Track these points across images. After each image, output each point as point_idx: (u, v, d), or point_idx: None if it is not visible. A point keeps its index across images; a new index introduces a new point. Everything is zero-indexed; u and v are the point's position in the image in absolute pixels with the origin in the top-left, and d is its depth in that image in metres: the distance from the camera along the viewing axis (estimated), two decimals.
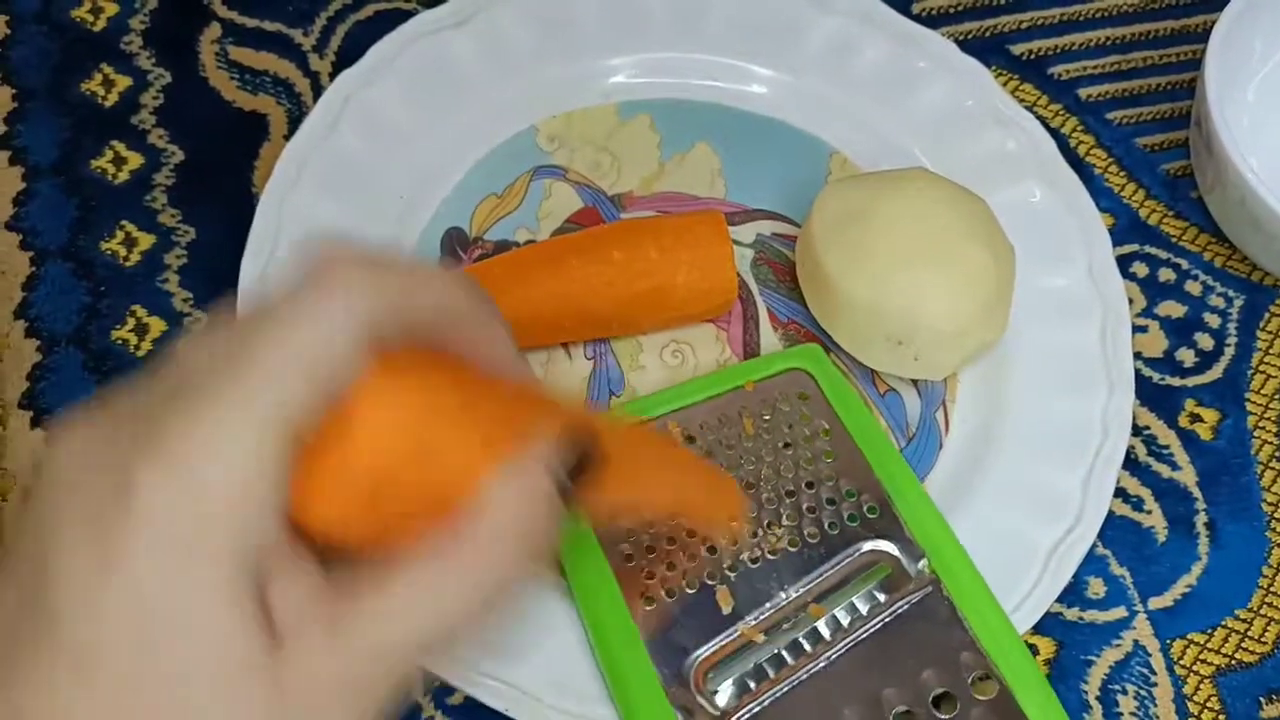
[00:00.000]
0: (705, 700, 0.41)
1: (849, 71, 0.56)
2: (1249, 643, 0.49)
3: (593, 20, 0.56)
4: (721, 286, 0.50)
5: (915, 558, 0.44)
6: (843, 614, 0.43)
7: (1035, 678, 0.42)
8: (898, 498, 0.46)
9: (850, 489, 0.46)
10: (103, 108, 0.56)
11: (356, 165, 0.52)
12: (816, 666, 0.42)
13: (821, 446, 0.47)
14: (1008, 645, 0.43)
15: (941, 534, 0.45)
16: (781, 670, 0.42)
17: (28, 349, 0.51)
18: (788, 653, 0.42)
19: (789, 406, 0.48)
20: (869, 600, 0.44)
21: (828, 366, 0.49)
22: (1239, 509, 0.51)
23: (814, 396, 0.48)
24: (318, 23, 0.59)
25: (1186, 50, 0.61)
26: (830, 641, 0.43)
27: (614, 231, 0.51)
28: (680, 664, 0.42)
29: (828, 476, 0.46)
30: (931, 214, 0.48)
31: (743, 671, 0.42)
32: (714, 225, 0.50)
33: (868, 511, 0.45)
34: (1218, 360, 0.54)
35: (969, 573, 0.44)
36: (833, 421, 0.47)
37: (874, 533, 0.45)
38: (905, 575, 0.44)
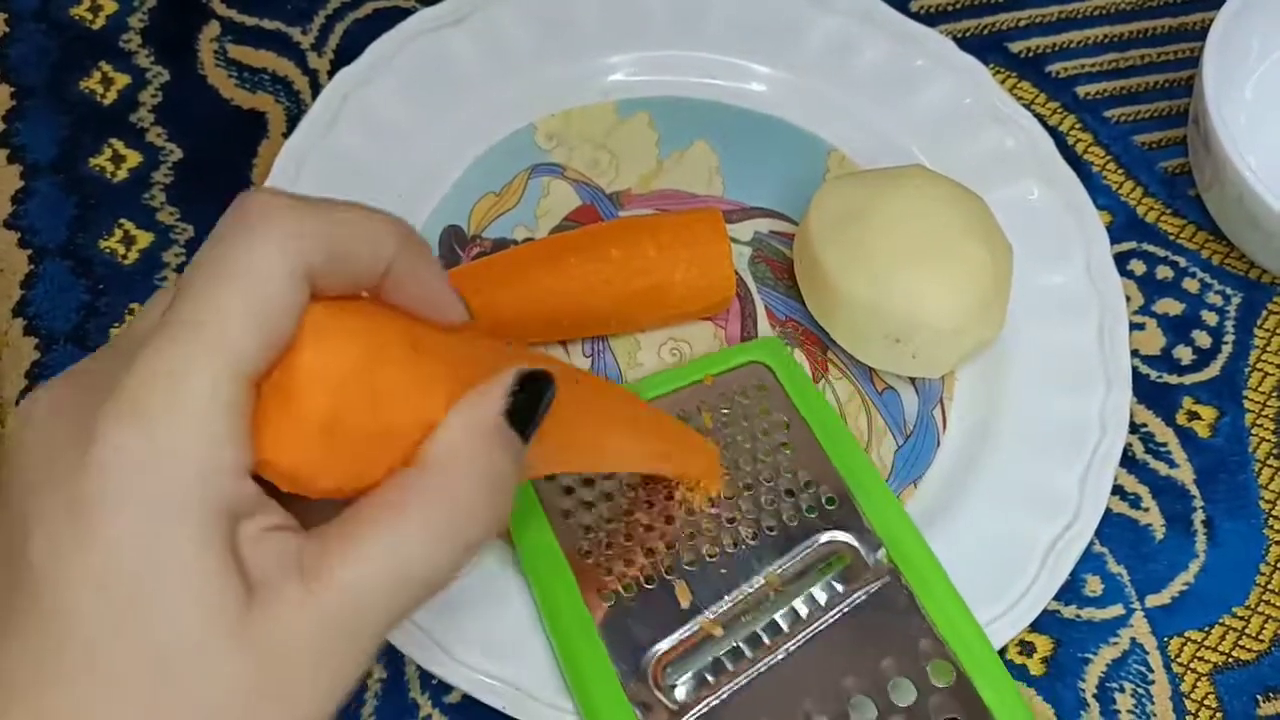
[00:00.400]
0: (664, 695, 0.41)
1: (847, 70, 0.56)
2: (1246, 640, 0.49)
3: (592, 18, 0.56)
4: (719, 284, 0.50)
5: (874, 548, 0.45)
6: (801, 605, 0.43)
7: (993, 664, 0.43)
8: (856, 488, 0.46)
9: (809, 480, 0.46)
10: (101, 106, 0.56)
11: (355, 163, 0.52)
12: (775, 658, 0.42)
13: (780, 439, 0.47)
14: (965, 632, 0.43)
15: (900, 523, 0.45)
16: (740, 663, 0.42)
17: (26, 347, 0.51)
18: (746, 645, 0.43)
19: (748, 400, 0.48)
20: (828, 591, 0.44)
21: (787, 359, 0.49)
22: (1236, 506, 0.51)
23: (773, 389, 0.48)
24: (316, 21, 0.59)
25: (1184, 48, 0.61)
26: (789, 633, 0.43)
27: (612, 229, 0.51)
28: (638, 659, 0.42)
29: (786, 469, 0.46)
30: (929, 212, 0.48)
31: (701, 665, 0.42)
32: (712, 223, 0.50)
33: (826, 503, 0.46)
34: (1215, 358, 0.54)
35: (927, 561, 0.45)
36: (791, 414, 0.47)
37: (832, 524, 0.45)
38: (863, 565, 0.44)
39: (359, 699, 0.46)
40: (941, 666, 0.42)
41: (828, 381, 0.51)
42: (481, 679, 0.43)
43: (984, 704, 0.42)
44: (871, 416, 0.50)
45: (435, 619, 0.44)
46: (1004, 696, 0.42)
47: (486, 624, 0.44)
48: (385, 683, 0.46)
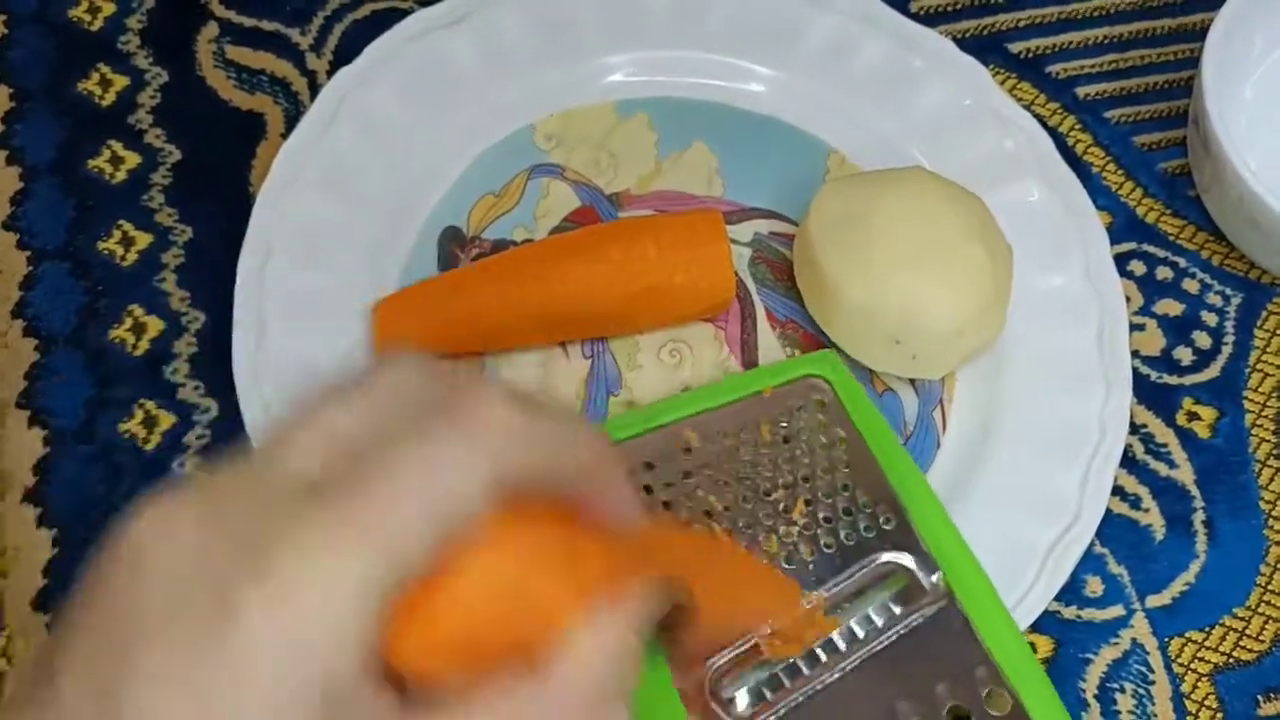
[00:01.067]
0: (720, 708, 0.41)
1: (847, 70, 0.56)
2: (1247, 641, 0.49)
3: (591, 19, 0.56)
4: (719, 286, 0.50)
5: (930, 570, 0.44)
6: (858, 625, 0.43)
7: (1048, 694, 0.42)
8: (913, 509, 0.45)
9: (866, 499, 0.45)
10: (100, 107, 0.56)
11: (353, 164, 0.52)
12: (831, 677, 0.42)
13: (838, 455, 0.46)
14: (1021, 661, 0.42)
15: (956, 547, 0.45)
16: (796, 680, 0.41)
17: (25, 348, 0.51)
18: (804, 663, 0.42)
19: (806, 414, 0.47)
20: (884, 612, 0.43)
21: (844, 374, 0.48)
22: (1237, 507, 0.51)
23: (831, 404, 0.47)
24: (315, 22, 0.59)
25: (1184, 49, 0.61)
26: (845, 653, 0.42)
27: (612, 230, 0.51)
28: (696, 672, 0.41)
29: (844, 486, 0.45)
30: (929, 213, 0.48)
31: (758, 680, 0.42)
32: (712, 224, 0.50)
33: (883, 523, 0.45)
34: (1215, 358, 0.54)
35: (984, 587, 0.44)
36: (849, 430, 0.47)
37: (890, 544, 0.44)
38: (920, 588, 0.44)
39: None
40: (998, 695, 0.42)
41: None
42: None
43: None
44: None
45: None
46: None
47: None
48: None
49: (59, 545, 0.48)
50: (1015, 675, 0.42)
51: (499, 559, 0.28)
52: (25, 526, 0.48)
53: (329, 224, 0.51)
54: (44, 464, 0.49)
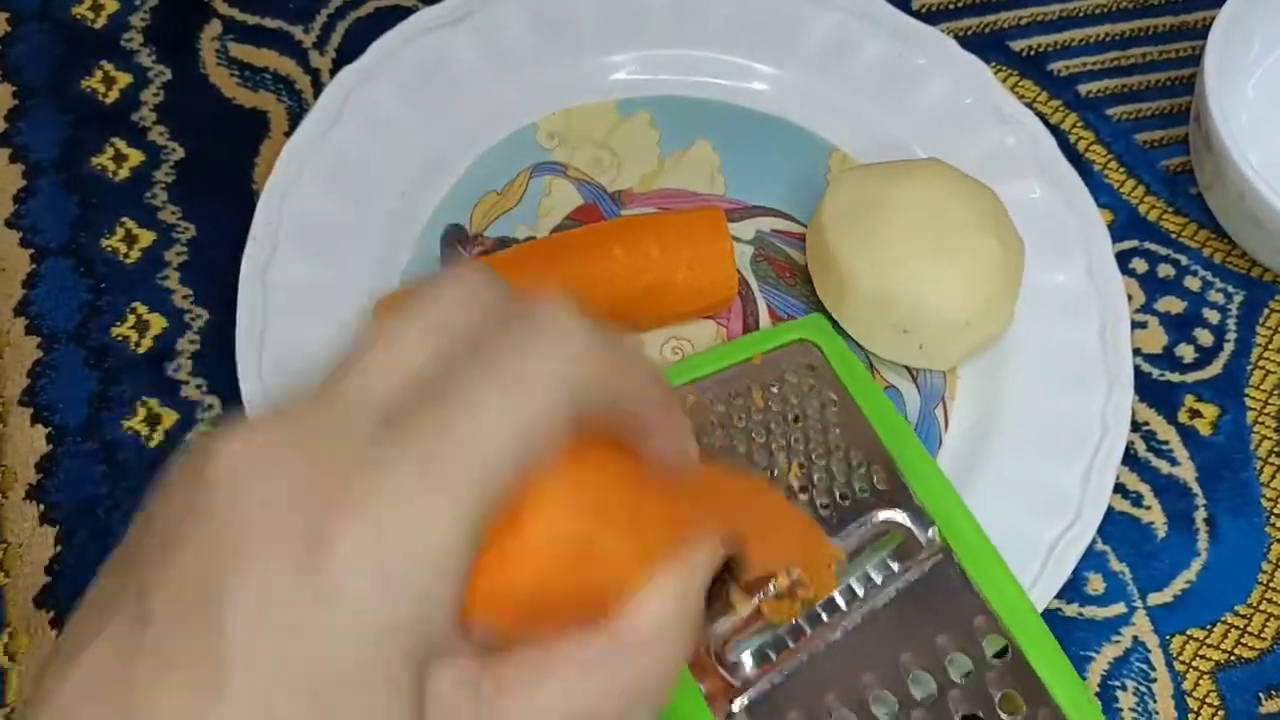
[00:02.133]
0: (726, 671, 0.41)
1: (848, 68, 0.56)
2: (1248, 638, 0.49)
3: (593, 17, 0.56)
4: (721, 283, 0.50)
5: (925, 526, 0.44)
6: (857, 584, 0.43)
7: (1045, 638, 0.43)
8: (906, 467, 0.46)
9: (860, 459, 0.46)
10: (103, 105, 0.56)
11: (357, 162, 0.52)
12: (834, 636, 0.42)
13: (830, 417, 0.47)
14: (1018, 608, 0.43)
15: (950, 501, 0.45)
16: (800, 640, 0.42)
17: (28, 346, 0.51)
18: (805, 623, 0.43)
19: (796, 378, 0.48)
20: (882, 569, 0.44)
21: (833, 337, 0.49)
22: (1238, 504, 0.51)
23: (821, 367, 0.48)
24: (318, 20, 0.59)
25: (1186, 46, 0.61)
26: (846, 611, 0.43)
27: (614, 228, 0.51)
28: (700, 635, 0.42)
29: (837, 447, 0.46)
30: (942, 204, 0.48)
31: (762, 642, 0.42)
32: (714, 222, 0.50)
33: (877, 481, 0.46)
34: (1217, 356, 0.54)
35: (978, 539, 0.45)
36: (840, 392, 0.47)
37: (884, 502, 0.45)
38: (916, 543, 0.44)
39: None
40: (996, 642, 0.42)
41: None
42: None
43: (1038, 676, 0.42)
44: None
45: None
46: (1057, 669, 0.42)
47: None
48: None
49: (61, 543, 0.48)
50: (1014, 623, 0.43)
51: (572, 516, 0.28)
52: (28, 523, 0.48)
53: (332, 222, 0.51)
54: (46, 461, 0.49)
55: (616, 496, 0.29)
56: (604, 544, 0.29)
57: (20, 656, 0.46)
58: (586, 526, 0.28)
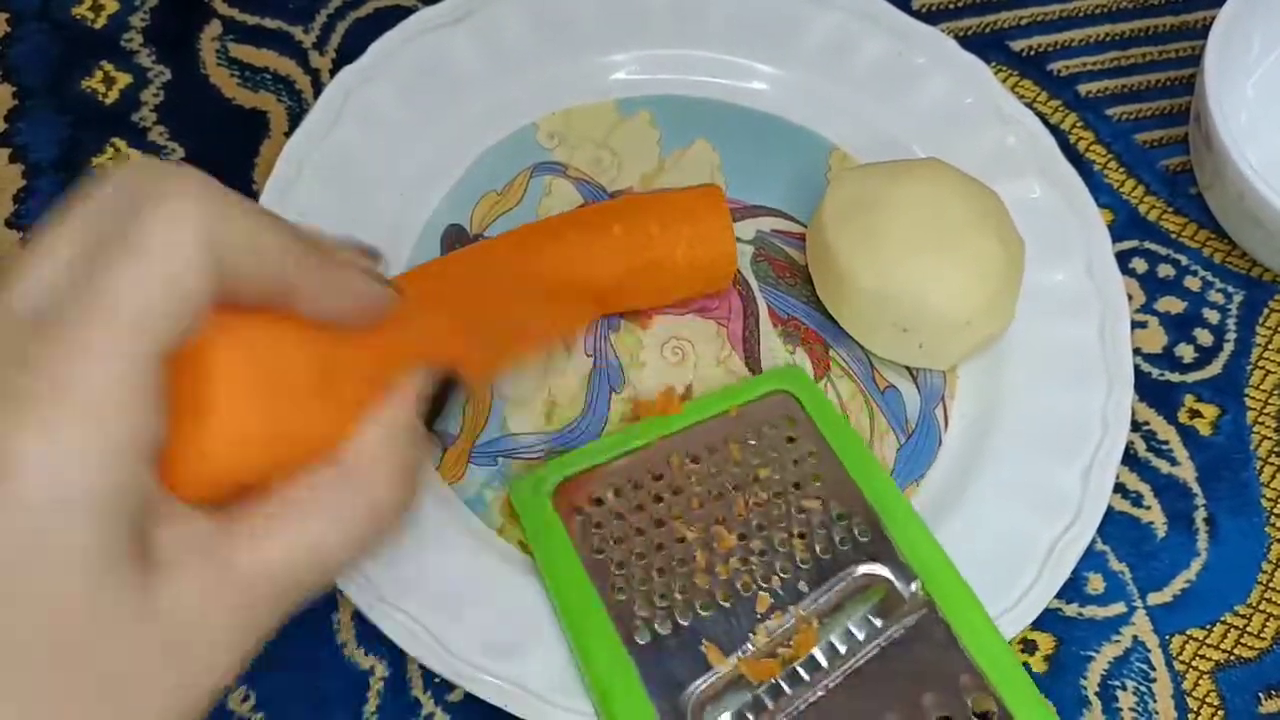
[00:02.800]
0: None
1: (848, 68, 0.56)
2: (1248, 638, 0.49)
3: (592, 17, 0.56)
4: (721, 260, 0.50)
5: (908, 580, 0.44)
6: (839, 641, 0.43)
7: (1033, 698, 0.42)
8: (888, 519, 0.45)
9: (840, 512, 0.45)
10: (103, 105, 0.56)
11: (357, 162, 0.52)
12: (815, 695, 0.42)
13: (809, 470, 0.46)
14: (1005, 665, 0.42)
15: (933, 555, 0.45)
16: (780, 700, 0.42)
17: None
18: (785, 682, 0.42)
19: (774, 430, 0.47)
20: (864, 625, 0.43)
21: (811, 388, 0.49)
22: (1238, 504, 0.51)
23: (799, 419, 0.47)
24: (318, 20, 0.59)
25: (1186, 46, 0.61)
26: (828, 669, 0.42)
27: (614, 207, 0.51)
28: (676, 698, 0.41)
29: (817, 500, 0.46)
30: (943, 203, 0.48)
31: (741, 704, 0.42)
32: (713, 200, 0.50)
33: (859, 534, 0.45)
34: (1217, 356, 0.54)
35: (963, 593, 0.44)
36: (819, 444, 0.47)
37: (866, 556, 0.44)
38: (899, 598, 0.44)
39: (361, 697, 0.46)
40: (983, 701, 0.42)
41: (829, 379, 0.51)
42: (484, 677, 0.43)
43: None
44: (873, 415, 0.50)
45: (438, 617, 0.44)
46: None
47: (489, 622, 0.44)
48: (388, 681, 0.46)
49: None
50: (999, 679, 0.42)
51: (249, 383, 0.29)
52: None
53: (332, 222, 0.50)
54: None
55: (295, 360, 0.31)
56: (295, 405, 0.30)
57: None
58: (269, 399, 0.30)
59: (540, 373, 0.50)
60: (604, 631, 0.42)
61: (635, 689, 0.41)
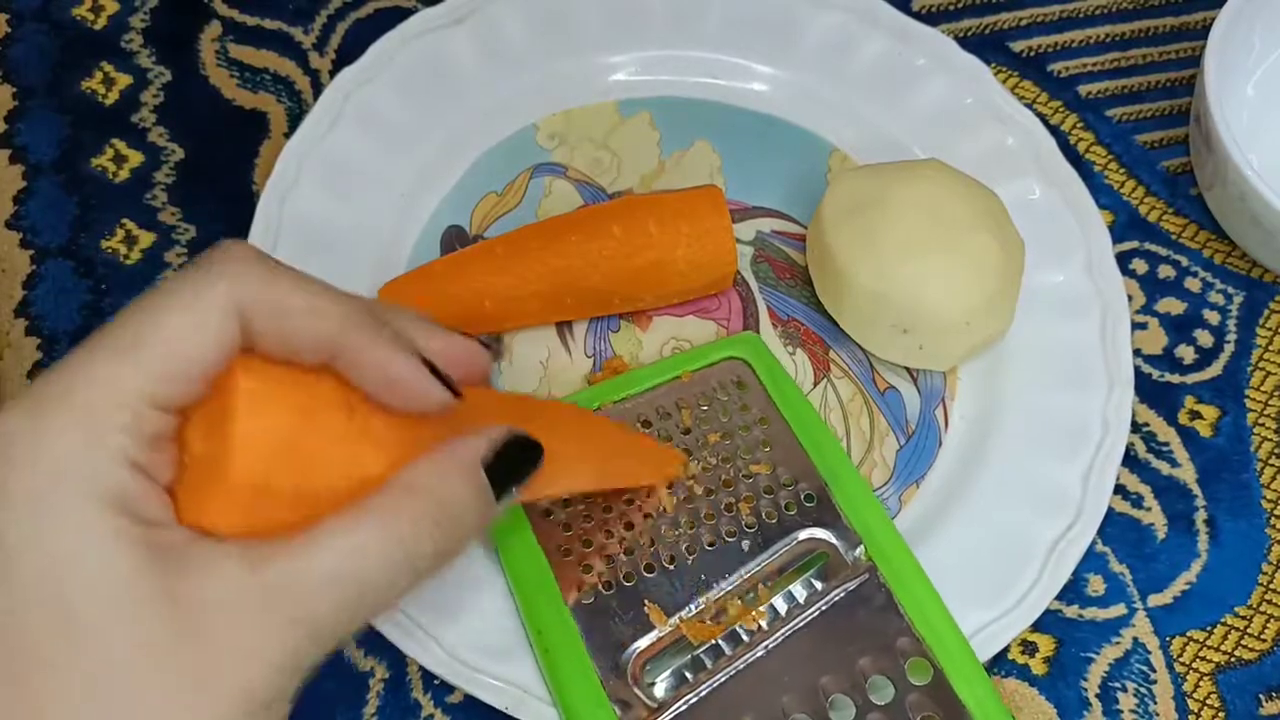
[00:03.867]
0: (643, 693, 0.41)
1: (848, 69, 0.56)
2: (1249, 640, 0.49)
3: (592, 18, 0.56)
4: (721, 259, 0.50)
5: (852, 545, 0.45)
6: (780, 602, 0.43)
7: (970, 662, 0.43)
8: (834, 485, 0.46)
9: (787, 477, 0.46)
10: (103, 106, 0.56)
11: (357, 163, 0.52)
12: (754, 656, 0.42)
13: (759, 435, 0.47)
14: (942, 631, 0.43)
15: (877, 520, 0.45)
16: (719, 661, 0.42)
17: (28, 347, 0.51)
18: (726, 643, 0.43)
19: (726, 396, 0.48)
20: (807, 588, 0.44)
21: (765, 354, 0.49)
22: (1239, 506, 0.51)
23: (751, 385, 0.48)
24: (318, 21, 0.59)
25: (1186, 47, 0.61)
26: (768, 631, 0.43)
27: (613, 208, 0.51)
28: (618, 657, 0.42)
29: (766, 465, 0.46)
30: (943, 204, 0.48)
31: (680, 663, 0.42)
32: (713, 200, 0.50)
33: (805, 499, 0.45)
34: (1217, 357, 0.54)
35: (904, 559, 0.45)
36: (769, 410, 0.47)
37: (811, 521, 0.45)
38: (842, 562, 0.44)
39: (361, 698, 0.46)
40: (919, 665, 0.42)
41: (830, 381, 0.51)
42: (483, 679, 0.43)
43: (961, 703, 0.42)
44: (874, 416, 0.50)
45: (437, 619, 0.44)
46: (981, 695, 0.42)
47: (488, 624, 0.44)
48: (387, 683, 0.46)
49: None
50: (938, 646, 0.43)
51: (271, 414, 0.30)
52: None
53: (332, 223, 0.51)
54: None
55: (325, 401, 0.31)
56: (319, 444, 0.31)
57: None
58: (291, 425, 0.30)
59: (540, 373, 0.50)
60: (547, 590, 0.43)
61: (577, 646, 0.42)
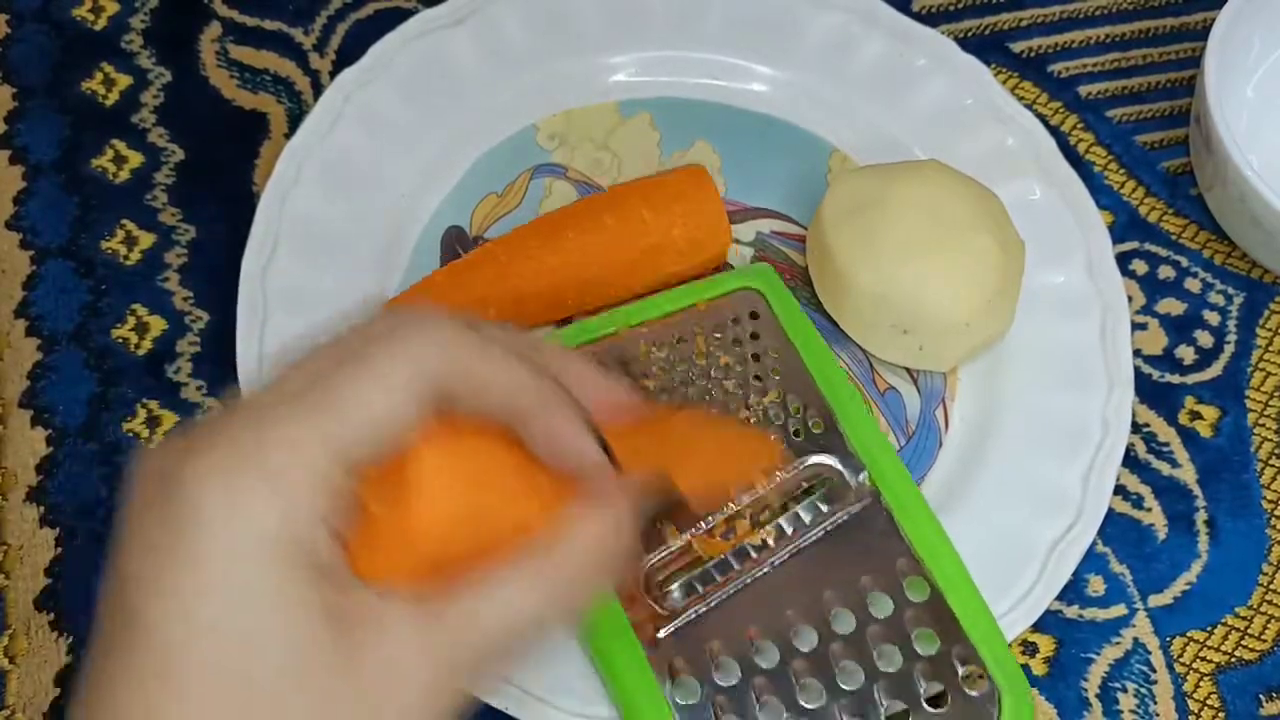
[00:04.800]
0: (654, 601, 0.43)
1: (848, 70, 0.56)
2: (1249, 640, 0.49)
3: (592, 18, 0.56)
4: (716, 235, 0.50)
5: (856, 471, 0.46)
6: (786, 523, 0.45)
7: (963, 581, 0.44)
8: (841, 414, 0.47)
9: (796, 405, 0.47)
10: (103, 106, 0.56)
11: (357, 164, 0.52)
12: (761, 571, 0.44)
13: (770, 363, 0.48)
14: (939, 551, 0.45)
15: (880, 448, 0.47)
16: (728, 574, 0.44)
17: (28, 348, 0.51)
18: (734, 559, 0.44)
19: (740, 325, 0.49)
20: (812, 510, 0.45)
21: (778, 285, 0.50)
22: (1239, 506, 0.51)
23: (764, 315, 0.49)
24: (318, 21, 0.59)
25: (1186, 48, 0.61)
26: (774, 549, 0.44)
27: (603, 200, 0.51)
28: (633, 568, 0.43)
29: (776, 393, 0.47)
30: (943, 205, 0.48)
31: (690, 575, 0.44)
32: (699, 179, 0.51)
33: (813, 427, 0.47)
34: (1217, 357, 0.54)
35: (905, 484, 0.46)
36: (781, 339, 0.49)
37: (818, 447, 0.46)
38: (846, 487, 0.46)
39: None
40: (916, 583, 0.44)
41: None
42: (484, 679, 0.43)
43: (955, 617, 0.44)
44: (873, 417, 0.50)
45: None
46: (973, 610, 0.44)
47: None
48: None
49: (61, 545, 0.48)
50: (934, 565, 0.45)
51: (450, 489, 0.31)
52: (28, 526, 0.48)
53: (332, 223, 0.51)
54: (47, 463, 0.49)
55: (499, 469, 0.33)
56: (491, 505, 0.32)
57: (20, 659, 0.46)
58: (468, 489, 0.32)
59: None
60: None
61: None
